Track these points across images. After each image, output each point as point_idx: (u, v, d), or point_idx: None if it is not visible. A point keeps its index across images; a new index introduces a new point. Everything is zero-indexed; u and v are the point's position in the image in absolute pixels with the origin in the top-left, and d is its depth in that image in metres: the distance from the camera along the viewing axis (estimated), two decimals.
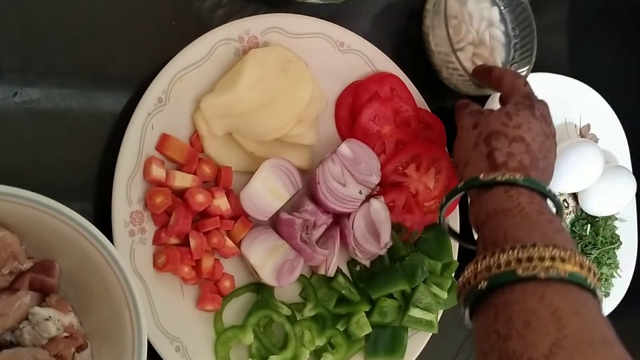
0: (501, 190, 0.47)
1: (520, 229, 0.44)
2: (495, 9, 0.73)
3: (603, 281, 0.83)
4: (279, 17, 0.61)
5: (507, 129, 0.52)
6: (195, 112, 0.57)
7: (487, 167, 0.51)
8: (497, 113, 0.54)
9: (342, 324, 0.62)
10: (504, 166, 0.50)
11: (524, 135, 0.52)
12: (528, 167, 0.50)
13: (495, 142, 0.51)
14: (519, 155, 0.50)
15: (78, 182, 0.54)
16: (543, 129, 0.54)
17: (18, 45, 0.52)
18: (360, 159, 0.62)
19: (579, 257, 0.40)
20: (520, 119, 0.53)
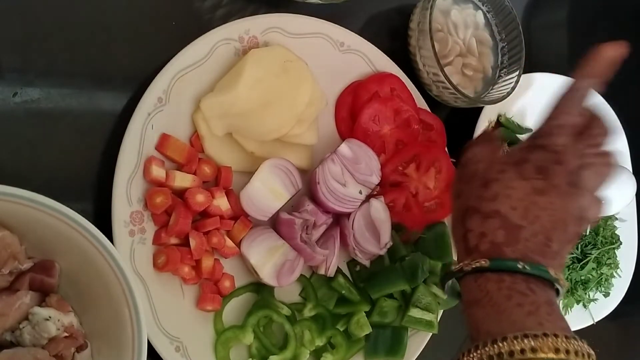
0: (471, 280, 0.44)
1: (489, 321, 0.41)
2: (479, 12, 0.73)
3: (603, 281, 0.83)
4: (279, 17, 0.61)
5: (482, 203, 0.46)
6: (195, 112, 0.57)
7: (463, 252, 0.46)
8: (476, 183, 0.47)
9: (342, 324, 0.62)
10: (475, 250, 0.45)
11: (499, 207, 0.45)
12: (502, 244, 0.44)
13: (469, 222, 0.46)
14: (492, 234, 0.44)
15: (78, 182, 0.54)
16: (534, 187, 0.45)
17: (18, 45, 0.52)
18: (360, 159, 0.62)
19: (554, 340, 0.38)
20: (498, 187, 0.46)
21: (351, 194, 0.61)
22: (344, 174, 0.61)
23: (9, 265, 0.46)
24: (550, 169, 0.45)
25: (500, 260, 0.43)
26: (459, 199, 0.48)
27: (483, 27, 0.74)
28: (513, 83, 0.70)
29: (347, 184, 0.61)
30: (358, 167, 0.62)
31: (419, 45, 0.67)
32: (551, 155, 0.46)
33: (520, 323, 0.40)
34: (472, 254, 0.45)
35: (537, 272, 0.42)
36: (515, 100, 0.72)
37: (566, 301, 0.81)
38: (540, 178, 0.45)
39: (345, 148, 0.62)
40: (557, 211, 0.45)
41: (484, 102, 0.70)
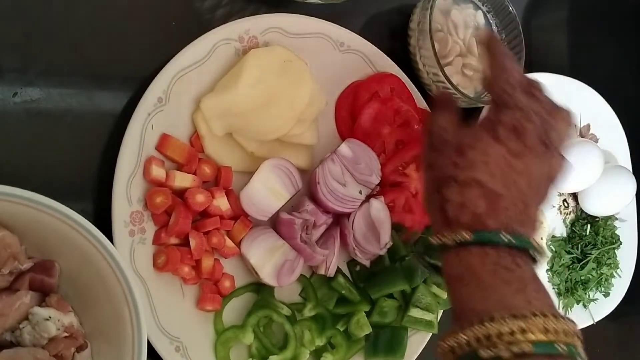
0: (452, 254, 0.42)
1: (475, 299, 0.39)
2: (479, 12, 0.73)
3: (603, 281, 0.83)
4: (279, 17, 0.61)
5: (458, 171, 0.43)
6: (195, 112, 0.57)
7: (441, 224, 0.44)
8: (450, 149, 0.45)
9: (342, 324, 0.62)
10: (455, 222, 0.42)
11: (478, 175, 0.42)
12: (483, 215, 0.42)
13: (447, 192, 0.43)
14: (472, 204, 0.42)
15: (78, 182, 0.54)
16: (510, 150, 0.43)
17: (18, 45, 0.52)
18: (360, 159, 0.62)
19: (543, 320, 0.36)
20: (475, 154, 0.43)
21: (351, 194, 0.61)
22: (344, 174, 0.61)
23: (9, 265, 0.46)
24: (523, 128, 0.44)
25: (483, 232, 0.41)
26: (432, 169, 0.46)
27: (483, 27, 0.74)
28: None
29: (347, 184, 0.61)
30: (358, 167, 0.62)
31: (419, 45, 0.67)
32: (520, 113, 0.44)
33: (508, 301, 0.38)
34: (451, 225, 0.43)
35: (521, 243, 0.41)
36: None
37: (566, 301, 0.81)
38: (514, 139, 0.44)
39: (345, 148, 0.62)
40: (533, 174, 0.44)
41: (484, 102, 0.70)
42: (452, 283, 0.42)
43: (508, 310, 0.37)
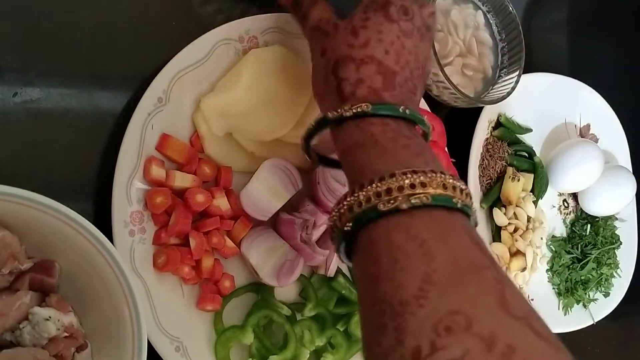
0: (352, 125, 0.43)
1: (375, 161, 0.40)
2: (479, 12, 0.73)
3: (603, 281, 0.83)
4: (279, 17, 0.61)
5: (354, 50, 0.45)
6: (195, 112, 0.57)
7: (337, 102, 0.45)
8: (342, 31, 0.46)
9: (342, 324, 0.62)
10: (352, 97, 0.44)
11: (373, 52, 0.44)
12: (380, 90, 0.43)
13: (343, 71, 0.44)
14: (369, 79, 0.44)
15: (78, 182, 0.54)
16: (402, 29, 0.45)
17: (18, 45, 0.52)
18: None
19: (442, 177, 0.37)
20: (369, 33, 0.45)
21: None
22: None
23: (8, 265, 0.46)
24: (411, 9, 0.46)
25: (382, 105, 0.42)
26: (324, 55, 0.47)
27: (483, 27, 0.74)
28: (513, 83, 0.70)
29: (347, 184, 0.61)
30: None
31: None
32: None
33: (407, 161, 0.39)
34: (347, 101, 0.44)
35: (415, 118, 0.43)
36: (516, 100, 0.72)
37: (566, 301, 0.81)
38: (405, 19, 0.46)
39: None
40: (420, 55, 0.46)
41: (484, 102, 0.70)
42: (350, 152, 0.42)
43: (408, 168, 0.37)
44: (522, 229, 0.76)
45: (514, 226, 0.75)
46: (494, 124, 0.77)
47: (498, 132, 0.76)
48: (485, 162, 0.75)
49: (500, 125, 0.77)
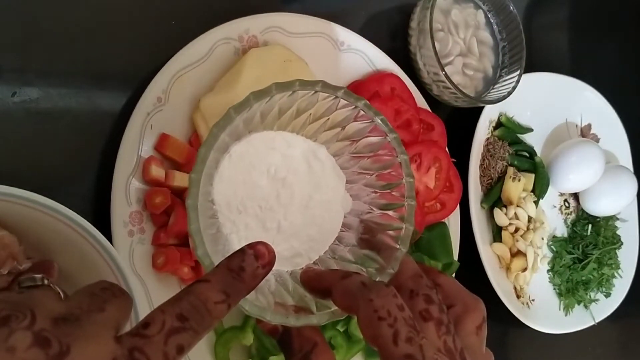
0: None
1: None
2: (480, 12, 0.73)
3: (604, 282, 0.82)
4: (279, 17, 0.61)
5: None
6: (194, 111, 0.57)
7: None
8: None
9: (342, 325, 0.62)
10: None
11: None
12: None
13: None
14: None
15: (77, 182, 0.54)
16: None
17: (17, 44, 0.52)
18: None
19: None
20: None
21: None
22: None
23: (7, 265, 0.46)
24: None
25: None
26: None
27: (484, 26, 0.73)
28: (514, 83, 0.70)
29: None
30: None
31: (419, 44, 0.67)
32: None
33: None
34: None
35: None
36: (516, 100, 0.72)
37: (567, 302, 0.80)
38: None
39: None
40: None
41: (484, 102, 0.70)
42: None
43: None
44: (523, 229, 0.75)
45: (514, 226, 0.75)
46: (494, 124, 0.77)
47: (499, 131, 0.76)
48: (486, 162, 0.75)
49: (501, 125, 0.77)
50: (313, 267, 0.39)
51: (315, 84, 0.35)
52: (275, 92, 0.34)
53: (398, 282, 0.33)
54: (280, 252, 0.37)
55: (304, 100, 0.37)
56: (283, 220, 0.38)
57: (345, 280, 0.32)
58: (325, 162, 0.40)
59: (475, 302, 0.34)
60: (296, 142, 0.39)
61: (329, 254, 0.39)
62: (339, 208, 0.40)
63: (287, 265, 0.38)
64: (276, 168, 0.38)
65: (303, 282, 0.36)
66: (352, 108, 0.37)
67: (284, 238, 0.38)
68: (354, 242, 0.39)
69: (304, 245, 0.38)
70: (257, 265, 0.31)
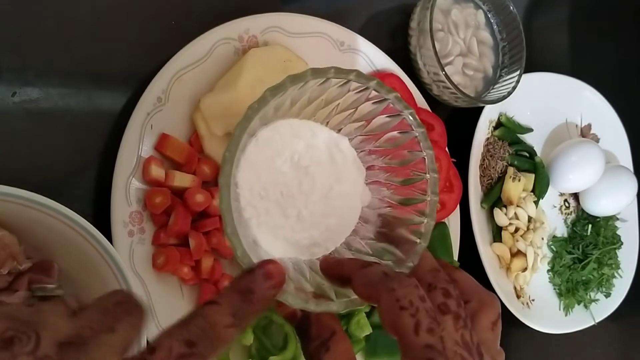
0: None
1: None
2: (480, 12, 0.73)
3: (604, 282, 0.82)
4: (279, 17, 0.61)
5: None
6: (194, 111, 0.57)
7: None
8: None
9: (342, 325, 0.62)
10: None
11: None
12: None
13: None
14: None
15: (77, 182, 0.54)
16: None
17: (17, 44, 0.52)
18: None
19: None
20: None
21: None
22: None
23: (7, 265, 0.46)
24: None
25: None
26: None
27: (484, 26, 0.73)
28: (514, 83, 0.70)
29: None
30: None
31: (419, 44, 0.67)
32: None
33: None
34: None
35: None
36: (516, 100, 0.72)
37: (567, 302, 0.80)
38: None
39: None
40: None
41: (484, 102, 0.69)
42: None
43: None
44: (523, 229, 0.75)
45: (514, 226, 0.75)
46: (494, 124, 0.77)
47: (499, 131, 0.76)
48: (486, 162, 0.75)
49: (501, 125, 0.77)
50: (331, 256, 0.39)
51: (350, 72, 0.35)
52: (310, 78, 0.34)
53: (416, 275, 0.33)
54: (299, 240, 0.37)
55: (335, 89, 0.37)
56: (304, 208, 0.37)
57: (366, 269, 0.31)
58: (347, 154, 0.40)
59: (491, 299, 0.35)
60: (320, 132, 0.39)
61: (345, 246, 0.39)
62: (357, 201, 0.40)
63: (305, 253, 0.38)
64: (300, 156, 0.38)
65: (323, 270, 0.36)
66: (381, 100, 0.37)
67: (303, 226, 0.38)
68: (372, 235, 0.39)
69: (322, 235, 0.38)
70: (267, 286, 0.30)
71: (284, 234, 0.37)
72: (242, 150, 0.36)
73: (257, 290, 0.30)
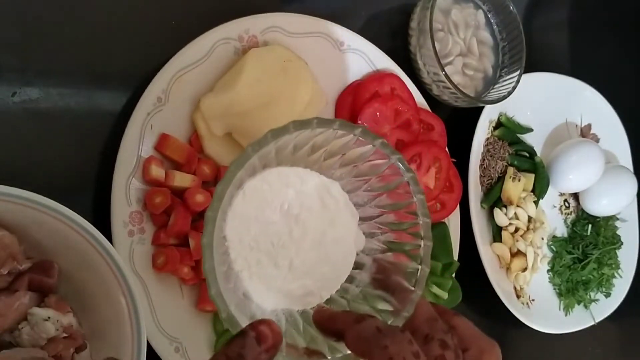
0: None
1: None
2: (480, 12, 0.73)
3: (604, 282, 0.82)
4: (279, 17, 0.61)
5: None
6: (194, 111, 0.57)
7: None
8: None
9: None
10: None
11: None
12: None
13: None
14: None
15: (77, 182, 0.54)
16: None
17: (17, 45, 0.52)
18: None
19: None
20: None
21: None
22: None
23: (7, 265, 0.46)
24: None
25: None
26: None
27: (484, 26, 0.73)
28: (514, 83, 0.70)
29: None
30: None
31: (419, 44, 0.67)
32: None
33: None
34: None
35: None
36: (516, 100, 0.72)
37: (567, 302, 0.80)
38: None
39: None
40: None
41: (484, 102, 0.69)
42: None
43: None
44: (523, 229, 0.75)
45: (514, 226, 0.75)
46: (494, 124, 0.77)
47: (499, 131, 0.76)
48: (486, 162, 0.75)
49: (501, 125, 0.77)
50: (325, 307, 0.38)
51: (333, 123, 0.35)
52: (293, 129, 0.34)
53: (413, 325, 0.32)
54: (291, 290, 0.37)
55: (321, 136, 0.36)
56: (295, 257, 0.37)
57: (360, 324, 0.31)
58: (339, 198, 0.39)
59: (491, 346, 0.34)
60: (310, 178, 0.39)
61: (341, 294, 0.39)
62: (352, 245, 0.39)
63: (299, 304, 0.38)
64: (289, 204, 0.37)
65: (316, 323, 0.35)
66: (370, 147, 0.36)
67: (295, 276, 0.37)
68: (367, 281, 0.39)
69: (317, 284, 0.38)
70: (260, 350, 0.28)
71: (276, 285, 0.36)
72: (229, 203, 0.36)
73: (247, 357, 0.28)
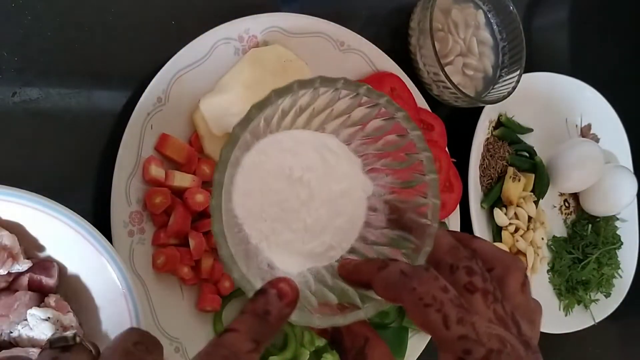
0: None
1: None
2: (480, 12, 0.73)
3: (604, 282, 0.82)
4: (279, 17, 0.61)
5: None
6: (194, 111, 0.57)
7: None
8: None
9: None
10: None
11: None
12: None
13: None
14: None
15: (77, 182, 0.54)
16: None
17: (17, 45, 0.52)
18: None
19: None
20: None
21: None
22: None
23: (7, 265, 0.46)
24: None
25: None
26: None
27: (484, 26, 0.73)
28: (514, 83, 0.70)
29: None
30: None
31: (419, 44, 0.67)
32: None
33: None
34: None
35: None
36: (516, 100, 0.72)
37: (567, 301, 0.80)
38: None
39: None
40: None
41: (484, 102, 0.70)
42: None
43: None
44: (522, 229, 0.75)
45: (514, 226, 0.75)
46: (494, 124, 0.77)
47: (499, 131, 0.76)
48: (486, 162, 0.75)
49: (501, 125, 0.77)
50: (349, 258, 0.38)
51: (337, 81, 0.35)
52: (297, 88, 0.34)
53: (436, 258, 0.32)
54: (312, 249, 0.37)
55: (325, 97, 0.36)
56: (308, 218, 0.37)
57: (384, 271, 0.31)
58: (338, 150, 0.39)
59: (515, 261, 0.34)
60: (305, 138, 0.39)
61: (362, 241, 0.39)
62: (360, 193, 0.40)
63: (323, 260, 0.38)
64: (290, 168, 0.37)
65: (342, 277, 0.35)
66: (374, 105, 0.36)
67: (313, 235, 0.37)
68: (384, 224, 0.39)
69: (335, 237, 0.38)
70: (282, 304, 0.29)
71: (296, 248, 0.37)
72: (231, 183, 0.36)
73: (273, 311, 0.29)
